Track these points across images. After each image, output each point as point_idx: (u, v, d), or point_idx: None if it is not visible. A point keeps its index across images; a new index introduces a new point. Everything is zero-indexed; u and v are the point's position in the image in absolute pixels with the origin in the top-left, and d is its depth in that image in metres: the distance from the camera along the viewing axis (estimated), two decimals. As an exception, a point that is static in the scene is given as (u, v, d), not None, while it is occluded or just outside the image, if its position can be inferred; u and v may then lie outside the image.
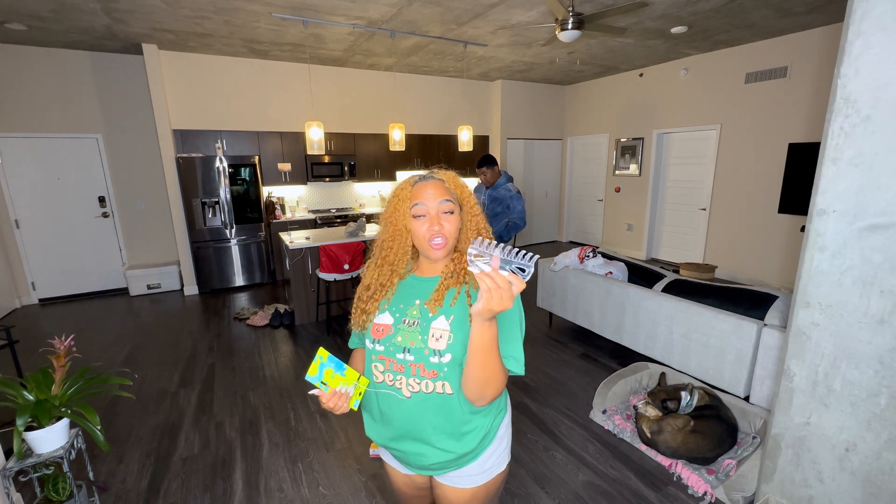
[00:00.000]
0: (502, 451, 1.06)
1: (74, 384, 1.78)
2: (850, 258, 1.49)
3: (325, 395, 0.95)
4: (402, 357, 0.96)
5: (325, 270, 3.85)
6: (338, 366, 0.95)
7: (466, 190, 1.05)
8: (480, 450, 1.01)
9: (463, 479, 1.03)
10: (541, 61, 5.87)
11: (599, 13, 3.43)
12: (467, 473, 1.02)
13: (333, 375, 0.95)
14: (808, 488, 1.72)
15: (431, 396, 0.95)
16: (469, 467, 1.01)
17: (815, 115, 4.59)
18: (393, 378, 0.97)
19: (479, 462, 1.01)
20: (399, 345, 0.96)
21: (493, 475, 1.04)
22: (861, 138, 1.43)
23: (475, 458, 1.01)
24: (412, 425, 0.97)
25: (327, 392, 0.95)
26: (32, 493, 1.90)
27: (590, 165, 7.60)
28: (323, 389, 0.95)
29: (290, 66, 5.70)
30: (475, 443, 0.98)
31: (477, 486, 1.03)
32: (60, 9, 3.62)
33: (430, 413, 0.95)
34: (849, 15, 1.42)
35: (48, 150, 4.94)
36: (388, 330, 0.99)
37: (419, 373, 0.95)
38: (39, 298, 5.14)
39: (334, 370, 0.95)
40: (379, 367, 0.99)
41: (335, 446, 2.41)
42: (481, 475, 1.03)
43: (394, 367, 0.97)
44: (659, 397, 2.43)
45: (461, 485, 1.03)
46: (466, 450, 0.98)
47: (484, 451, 1.02)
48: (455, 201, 1.00)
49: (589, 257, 3.62)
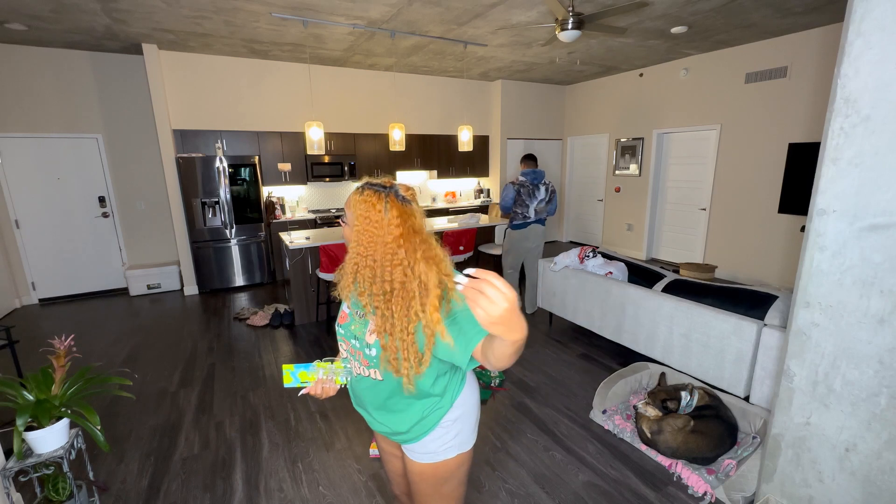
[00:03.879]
0: (450, 441, 1.15)
1: (74, 384, 1.78)
2: (850, 258, 1.49)
3: (312, 389, 1.14)
4: (353, 342, 1.12)
5: (325, 270, 3.85)
6: (307, 367, 1.12)
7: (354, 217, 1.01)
8: (420, 433, 1.13)
9: (413, 453, 1.18)
10: (541, 61, 5.87)
11: (599, 13, 3.43)
12: (415, 450, 1.17)
13: (309, 374, 1.12)
14: (808, 488, 1.72)
15: (366, 379, 1.13)
16: (414, 445, 1.16)
17: (815, 115, 4.59)
18: (348, 357, 1.16)
19: (423, 443, 1.15)
20: (352, 332, 1.12)
21: (439, 458, 1.16)
22: (861, 138, 1.43)
23: (417, 439, 1.14)
24: (360, 398, 1.19)
25: (311, 386, 1.13)
26: (32, 493, 1.90)
27: (590, 165, 7.60)
28: (307, 385, 1.13)
29: (290, 66, 5.70)
30: (408, 426, 1.13)
31: (424, 464, 1.17)
32: (60, 9, 3.62)
33: (366, 391, 1.15)
34: (849, 15, 1.42)
35: (48, 150, 4.93)
36: (346, 318, 1.15)
37: (359, 358, 1.11)
38: (39, 298, 5.14)
39: (307, 371, 1.11)
40: (342, 346, 1.18)
41: (335, 446, 2.41)
42: (427, 454, 1.16)
43: (348, 348, 1.15)
44: (659, 397, 2.43)
45: (413, 457, 1.19)
46: (400, 429, 1.14)
47: (426, 435, 1.14)
48: (348, 218, 1.06)
49: (589, 257, 3.62)
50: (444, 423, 1.13)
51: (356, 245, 1.00)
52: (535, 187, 4.15)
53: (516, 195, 4.14)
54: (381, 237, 0.97)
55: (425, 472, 1.17)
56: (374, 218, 0.97)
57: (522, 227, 4.23)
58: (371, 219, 0.98)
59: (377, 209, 0.98)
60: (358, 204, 1.00)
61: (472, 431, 1.20)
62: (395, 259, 0.97)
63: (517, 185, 4.14)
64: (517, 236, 4.27)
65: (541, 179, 4.19)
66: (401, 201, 1.00)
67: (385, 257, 0.97)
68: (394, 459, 1.35)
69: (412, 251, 0.97)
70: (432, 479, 1.18)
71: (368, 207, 0.98)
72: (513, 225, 4.27)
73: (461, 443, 1.17)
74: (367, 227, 0.98)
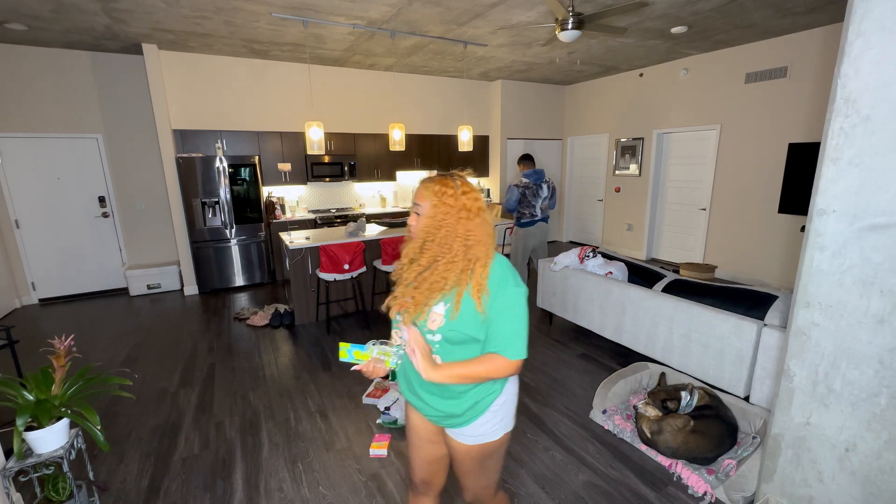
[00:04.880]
0: (498, 423, 1.26)
1: (74, 384, 1.79)
2: (850, 258, 1.49)
3: (364, 367, 1.19)
4: None
5: (325, 270, 3.85)
6: (362, 347, 1.18)
7: (440, 202, 1.17)
8: (472, 416, 1.23)
9: (462, 436, 1.27)
10: (541, 61, 5.87)
11: (599, 13, 3.43)
12: (464, 433, 1.26)
13: (362, 353, 1.17)
14: (808, 488, 1.72)
15: None
16: (465, 428, 1.25)
17: (815, 115, 4.59)
18: (401, 344, 1.21)
19: (473, 426, 1.24)
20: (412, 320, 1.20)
21: (487, 440, 1.26)
22: (861, 138, 1.43)
23: (468, 422, 1.24)
24: (414, 383, 1.27)
25: (364, 364, 1.18)
26: (32, 493, 1.90)
27: (590, 165, 7.60)
28: (360, 363, 1.18)
29: (290, 66, 5.70)
30: (463, 409, 1.22)
31: (471, 445, 1.27)
32: (60, 9, 3.62)
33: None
34: (849, 15, 1.42)
35: (48, 150, 4.94)
36: None
37: None
38: (39, 298, 5.14)
39: (361, 350, 1.17)
40: (398, 333, 1.24)
41: (335, 446, 2.41)
42: (475, 437, 1.25)
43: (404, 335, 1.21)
44: (659, 397, 2.43)
45: (460, 440, 1.28)
46: (455, 412, 1.22)
47: (477, 419, 1.23)
48: (424, 208, 1.18)
49: (589, 257, 3.62)
50: (493, 407, 1.24)
51: (430, 218, 1.17)
52: (539, 186, 4.39)
53: (521, 196, 4.37)
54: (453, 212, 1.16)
55: (472, 452, 1.28)
56: (448, 193, 1.16)
57: (530, 224, 4.49)
58: (446, 194, 1.16)
59: (450, 186, 1.17)
60: (432, 186, 1.18)
61: (513, 413, 1.31)
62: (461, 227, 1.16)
63: (521, 188, 4.35)
64: (525, 234, 4.53)
65: (542, 178, 4.44)
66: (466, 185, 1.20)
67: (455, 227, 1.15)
68: (428, 446, 1.39)
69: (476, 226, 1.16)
70: (479, 458, 1.29)
71: (443, 187, 1.17)
72: (520, 223, 4.51)
73: (506, 424, 1.29)
74: (442, 201, 1.16)
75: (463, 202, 1.16)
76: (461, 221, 1.15)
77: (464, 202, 1.16)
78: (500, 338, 1.12)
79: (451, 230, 1.15)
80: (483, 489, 1.38)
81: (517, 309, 1.14)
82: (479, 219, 1.17)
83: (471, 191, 1.18)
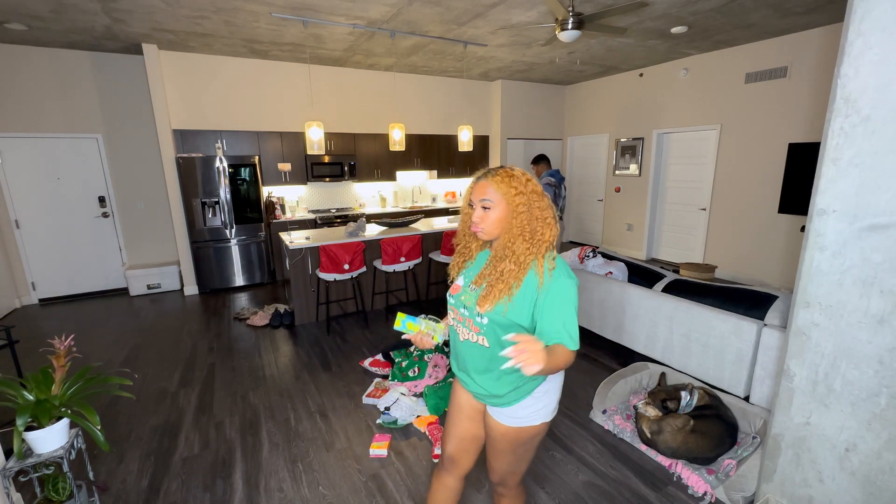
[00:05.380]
0: (538, 410, 1.30)
1: (74, 384, 1.78)
2: (850, 258, 1.49)
3: (414, 337, 1.33)
4: (462, 311, 1.30)
5: (325, 270, 3.85)
6: (415, 319, 1.32)
7: (514, 192, 1.22)
8: (515, 399, 1.28)
9: (502, 416, 1.32)
10: (541, 61, 5.87)
11: (599, 13, 3.43)
12: (505, 413, 1.31)
13: (414, 325, 1.31)
14: (808, 488, 1.72)
15: (475, 345, 1.29)
16: (506, 409, 1.30)
17: (815, 115, 4.59)
18: (456, 324, 1.33)
19: (514, 408, 1.29)
20: (462, 301, 1.30)
21: (524, 424, 1.30)
22: (861, 138, 1.43)
23: (510, 403, 1.29)
24: (464, 361, 1.35)
25: (414, 334, 1.32)
26: (32, 493, 1.90)
27: (590, 165, 7.60)
28: (411, 333, 1.32)
29: (289, 66, 5.70)
30: (506, 390, 1.27)
31: (509, 427, 1.31)
32: (60, 9, 3.62)
33: (472, 355, 1.31)
34: (849, 15, 1.42)
35: (48, 150, 4.93)
36: (459, 289, 1.34)
37: (469, 325, 1.28)
38: (39, 298, 5.14)
39: (413, 322, 1.31)
40: (451, 314, 1.36)
41: (335, 446, 2.41)
42: (514, 419, 1.30)
43: (457, 316, 1.33)
44: (659, 397, 2.43)
45: (499, 419, 1.33)
46: (499, 392, 1.28)
47: (519, 401, 1.28)
48: (495, 200, 1.22)
49: (589, 257, 3.62)
50: (536, 393, 1.29)
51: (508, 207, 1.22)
52: (559, 185, 4.44)
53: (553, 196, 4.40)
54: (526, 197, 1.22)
55: (508, 434, 1.32)
56: (518, 181, 1.23)
57: None
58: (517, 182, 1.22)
59: (516, 176, 1.23)
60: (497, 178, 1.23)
61: (555, 405, 1.36)
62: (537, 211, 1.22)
63: (553, 187, 4.38)
64: None
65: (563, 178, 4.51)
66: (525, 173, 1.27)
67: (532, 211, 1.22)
68: (466, 422, 1.45)
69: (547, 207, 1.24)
70: (513, 441, 1.33)
71: (510, 178, 1.23)
72: None
73: (546, 413, 1.32)
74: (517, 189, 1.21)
75: (532, 187, 1.23)
76: (537, 205, 1.22)
77: (533, 187, 1.23)
78: (562, 328, 1.15)
79: (530, 215, 1.21)
80: (510, 475, 1.42)
81: (573, 300, 1.19)
82: (547, 201, 1.25)
83: (532, 178, 1.26)
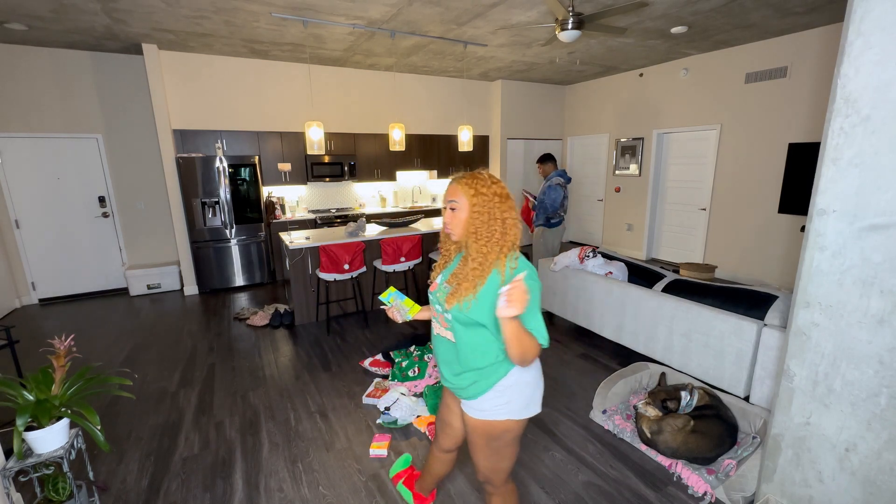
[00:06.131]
0: (502, 405, 1.35)
1: (74, 384, 1.78)
2: (850, 258, 1.49)
3: (389, 309, 1.53)
4: (437, 307, 1.40)
5: (325, 270, 3.85)
6: (398, 296, 1.54)
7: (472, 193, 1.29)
8: (476, 392, 1.35)
9: (470, 408, 1.40)
10: (541, 61, 5.87)
11: (599, 13, 3.43)
12: (472, 406, 1.39)
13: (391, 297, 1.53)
14: (808, 488, 1.72)
15: (444, 339, 1.41)
16: (472, 402, 1.38)
17: (815, 115, 4.59)
18: (433, 319, 1.46)
19: (479, 401, 1.36)
20: (437, 298, 1.39)
21: (489, 417, 1.36)
22: (861, 138, 1.43)
23: (473, 396, 1.36)
24: (437, 354, 1.47)
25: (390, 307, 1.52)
26: (32, 493, 1.90)
27: (590, 165, 7.60)
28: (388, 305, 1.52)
29: (290, 66, 5.70)
30: (467, 383, 1.36)
31: (477, 420, 1.38)
32: (60, 9, 3.62)
33: (442, 349, 1.43)
34: (849, 15, 1.42)
35: (48, 150, 4.94)
36: (436, 287, 1.43)
37: (440, 321, 1.41)
38: (39, 298, 5.14)
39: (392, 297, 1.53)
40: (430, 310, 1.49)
41: (335, 446, 2.41)
42: (480, 412, 1.37)
43: (433, 312, 1.46)
44: (659, 397, 2.43)
45: (468, 412, 1.41)
46: (461, 385, 1.37)
47: (481, 395, 1.35)
48: (461, 202, 1.30)
49: (589, 257, 3.62)
50: (497, 388, 1.34)
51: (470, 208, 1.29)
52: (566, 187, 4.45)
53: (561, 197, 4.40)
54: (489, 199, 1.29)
55: (477, 427, 1.40)
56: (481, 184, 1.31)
57: (558, 224, 4.50)
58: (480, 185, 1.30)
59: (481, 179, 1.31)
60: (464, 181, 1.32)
61: (525, 404, 1.37)
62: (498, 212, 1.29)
63: (561, 188, 4.37)
64: (553, 234, 4.53)
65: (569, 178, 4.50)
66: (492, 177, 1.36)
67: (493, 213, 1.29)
68: (444, 408, 1.62)
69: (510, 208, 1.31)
70: (483, 435, 1.40)
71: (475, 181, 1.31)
72: (550, 224, 4.48)
73: (511, 410, 1.36)
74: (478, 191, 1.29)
75: (495, 190, 1.30)
76: (498, 207, 1.29)
77: (496, 190, 1.30)
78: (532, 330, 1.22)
79: (490, 216, 1.28)
80: (493, 472, 1.46)
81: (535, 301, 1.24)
82: (511, 203, 1.32)
83: (498, 181, 1.33)
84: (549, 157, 4.53)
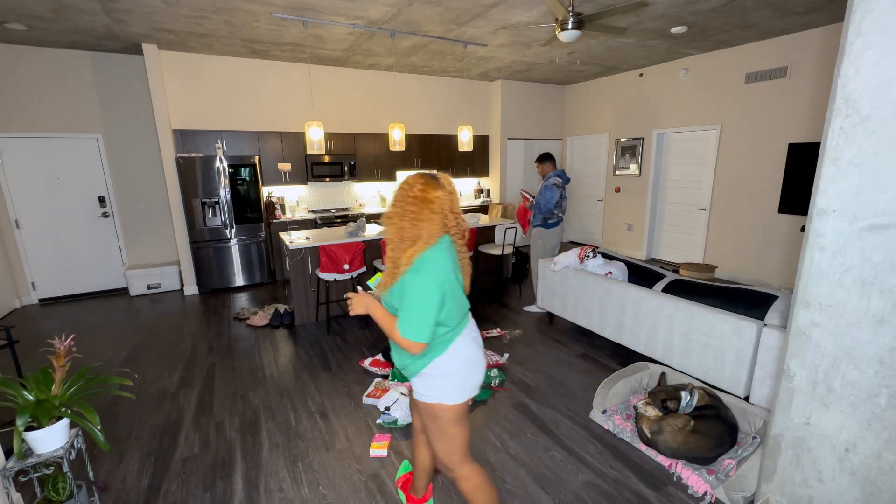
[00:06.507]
0: (427, 388, 1.48)
1: (74, 384, 1.78)
2: (850, 258, 1.49)
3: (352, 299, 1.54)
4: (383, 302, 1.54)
5: (325, 270, 3.85)
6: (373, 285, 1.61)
7: (392, 197, 1.48)
8: (409, 374, 1.51)
9: (414, 389, 1.54)
10: (541, 61, 5.87)
11: (599, 13, 3.43)
12: (414, 387, 1.54)
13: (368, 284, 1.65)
14: (808, 488, 1.72)
15: None
16: (410, 381, 1.54)
17: (815, 115, 4.59)
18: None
19: (413, 382, 1.52)
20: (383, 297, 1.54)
21: (424, 399, 1.50)
22: (861, 138, 1.43)
23: (408, 378, 1.53)
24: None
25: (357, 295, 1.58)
26: (32, 493, 1.90)
27: (590, 165, 7.60)
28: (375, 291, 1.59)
29: (290, 66, 5.70)
30: (400, 365, 1.52)
31: (417, 400, 1.53)
32: (60, 9, 3.62)
33: None
34: (849, 15, 1.42)
35: (48, 150, 4.93)
36: None
37: None
38: (39, 298, 5.14)
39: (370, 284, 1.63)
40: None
41: (335, 446, 2.41)
42: (417, 394, 1.52)
43: None
44: (659, 397, 2.43)
45: (413, 392, 1.55)
46: (400, 365, 1.53)
47: (413, 377, 1.51)
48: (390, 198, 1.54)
49: (589, 257, 3.62)
50: (423, 373, 1.48)
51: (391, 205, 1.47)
52: (564, 187, 4.39)
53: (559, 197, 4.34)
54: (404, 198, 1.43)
55: (419, 406, 1.54)
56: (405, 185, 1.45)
57: (556, 225, 4.45)
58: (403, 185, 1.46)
59: (408, 181, 1.45)
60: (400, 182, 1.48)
61: (453, 390, 1.47)
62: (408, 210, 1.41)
63: (559, 188, 4.32)
64: (551, 234, 4.48)
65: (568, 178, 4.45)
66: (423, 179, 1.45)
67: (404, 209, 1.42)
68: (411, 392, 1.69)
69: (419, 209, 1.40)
70: (426, 414, 1.53)
71: (404, 182, 1.46)
72: (548, 224, 4.44)
73: (439, 395, 1.47)
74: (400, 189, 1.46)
75: (415, 192, 1.41)
76: (409, 205, 1.40)
77: (415, 192, 1.41)
78: (401, 315, 1.38)
79: (401, 216, 1.41)
80: (444, 454, 1.55)
81: (411, 294, 1.36)
82: (423, 204, 1.40)
83: (424, 184, 1.42)
84: (547, 157, 4.51)
